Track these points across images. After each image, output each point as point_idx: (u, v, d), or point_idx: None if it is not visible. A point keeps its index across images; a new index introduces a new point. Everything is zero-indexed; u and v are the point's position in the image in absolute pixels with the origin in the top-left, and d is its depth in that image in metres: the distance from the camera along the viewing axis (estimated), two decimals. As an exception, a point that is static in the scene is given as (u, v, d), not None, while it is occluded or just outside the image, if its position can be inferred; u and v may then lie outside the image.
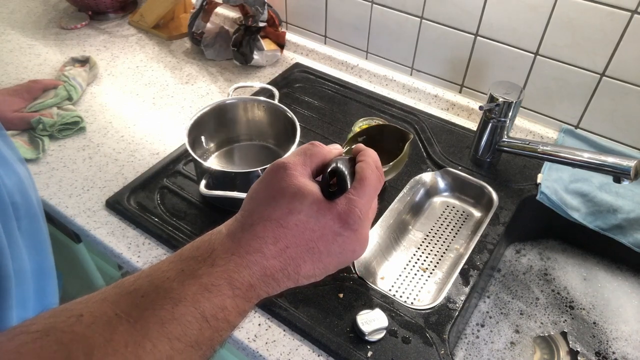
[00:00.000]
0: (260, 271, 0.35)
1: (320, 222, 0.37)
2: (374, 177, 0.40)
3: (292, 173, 0.38)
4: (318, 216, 0.37)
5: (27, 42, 1.19)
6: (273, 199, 0.37)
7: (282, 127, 0.83)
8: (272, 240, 0.36)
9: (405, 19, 0.99)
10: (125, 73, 1.11)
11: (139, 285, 0.32)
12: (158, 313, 0.31)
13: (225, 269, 0.34)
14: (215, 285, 0.33)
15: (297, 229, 0.36)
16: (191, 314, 0.32)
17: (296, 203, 0.37)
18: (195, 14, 1.11)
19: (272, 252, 0.36)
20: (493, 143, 0.84)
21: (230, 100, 0.84)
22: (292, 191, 0.37)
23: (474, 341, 0.76)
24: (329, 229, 0.37)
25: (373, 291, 0.68)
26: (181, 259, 0.34)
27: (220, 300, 0.33)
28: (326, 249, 0.37)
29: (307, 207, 0.37)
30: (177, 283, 0.32)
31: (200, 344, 0.32)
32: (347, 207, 0.37)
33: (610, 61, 0.82)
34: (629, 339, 0.77)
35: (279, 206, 0.37)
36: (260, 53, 1.10)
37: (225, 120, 0.85)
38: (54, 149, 0.91)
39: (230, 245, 0.35)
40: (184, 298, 0.32)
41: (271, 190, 0.38)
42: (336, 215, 0.37)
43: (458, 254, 0.80)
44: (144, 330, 0.30)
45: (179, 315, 0.31)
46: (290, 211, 0.36)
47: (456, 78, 1.01)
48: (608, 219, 0.80)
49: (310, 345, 0.63)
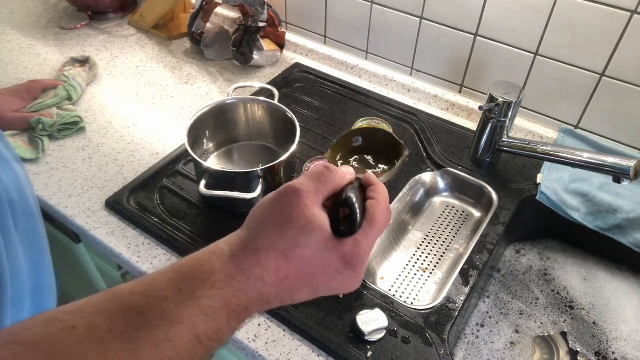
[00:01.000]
0: (257, 296, 0.35)
1: (324, 259, 0.37)
2: (384, 220, 0.40)
3: (304, 202, 0.37)
4: (324, 253, 0.37)
5: (27, 42, 1.19)
6: (281, 228, 0.37)
7: (282, 127, 0.83)
8: (274, 270, 0.36)
9: (405, 19, 0.99)
10: (125, 73, 1.11)
11: (135, 301, 0.32)
12: (153, 333, 0.31)
13: (224, 292, 0.34)
14: (212, 308, 0.33)
15: (300, 262, 0.36)
16: (186, 335, 0.32)
17: (304, 237, 0.36)
18: (195, 14, 1.11)
19: (272, 280, 0.36)
20: (493, 143, 0.84)
21: (230, 100, 0.84)
22: (302, 224, 0.37)
23: (474, 341, 0.76)
24: (332, 267, 0.37)
25: (373, 291, 0.68)
26: (180, 277, 0.34)
27: (216, 323, 0.33)
28: (324, 283, 0.38)
29: (315, 244, 0.37)
30: (174, 304, 0.32)
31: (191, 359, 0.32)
32: (353, 249, 0.38)
33: (610, 61, 0.82)
34: (628, 339, 0.77)
35: (286, 237, 0.36)
36: (260, 53, 1.10)
37: (225, 120, 0.85)
38: (54, 149, 0.91)
39: (231, 269, 0.35)
40: (180, 320, 0.32)
41: (280, 217, 0.37)
42: (341, 256, 0.37)
43: (458, 254, 0.80)
44: (138, 350, 0.30)
45: (174, 337, 0.31)
46: (296, 244, 0.36)
47: (456, 78, 1.01)
48: (608, 219, 0.80)
49: (310, 345, 0.63)
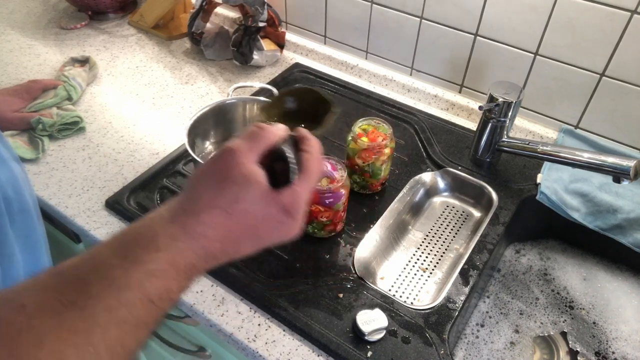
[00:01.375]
0: (203, 253, 0.37)
1: (265, 210, 0.39)
2: (318, 170, 0.43)
3: (240, 161, 0.39)
4: (263, 205, 0.39)
5: (27, 42, 1.19)
6: (220, 187, 0.38)
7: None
8: (217, 226, 0.37)
9: (405, 19, 0.99)
10: (125, 73, 1.11)
11: (82, 273, 0.33)
12: (105, 301, 0.31)
13: (169, 254, 0.35)
14: (160, 270, 0.34)
15: (242, 216, 0.38)
16: (138, 298, 0.33)
17: (243, 192, 0.38)
18: (195, 14, 1.11)
19: (216, 236, 0.37)
20: (493, 143, 0.84)
21: (230, 100, 0.84)
22: (239, 180, 0.38)
23: (474, 341, 0.76)
24: (273, 217, 0.39)
25: (373, 291, 0.68)
26: (124, 245, 0.35)
27: (165, 283, 0.34)
28: (267, 234, 0.40)
29: (253, 197, 0.38)
30: (121, 271, 0.33)
31: (147, 323, 0.34)
32: (291, 199, 0.40)
33: (610, 61, 0.82)
34: (628, 339, 0.77)
35: (226, 194, 0.38)
36: (260, 53, 1.10)
37: (225, 120, 0.85)
38: (54, 149, 0.91)
39: (174, 231, 0.36)
40: (130, 285, 0.33)
41: (218, 176, 0.39)
42: (281, 206, 0.39)
43: (458, 254, 0.80)
44: (93, 317, 0.31)
45: (126, 301, 0.32)
46: (236, 200, 0.38)
47: (456, 78, 1.01)
48: (608, 219, 0.80)
49: (310, 345, 0.63)
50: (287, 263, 0.72)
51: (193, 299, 0.68)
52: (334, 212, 0.71)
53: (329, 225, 0.73)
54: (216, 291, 0.69)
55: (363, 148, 0.76)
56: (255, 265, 0.71)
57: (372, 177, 0.80)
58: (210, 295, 0.69)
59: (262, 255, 0.73)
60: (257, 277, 0.69)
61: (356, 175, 0.81)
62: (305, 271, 0.71)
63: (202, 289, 0.69)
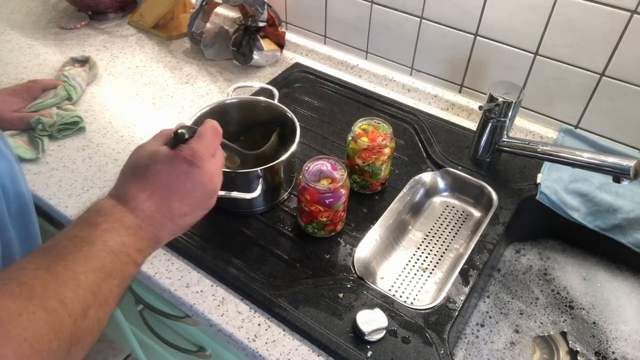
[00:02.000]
0: (140, 213, 0.46)
1: (171, 166, 0.48)
2: (209, 130, 0.53)
3: (143, 146, 0.51)
4: (169, 163, 0.48)
5: (27, 42, 1.19)
6: (135, 165, 0.49)
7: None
8: (141, 189, 0.47)
9: (405, 19, 0.99)
10: (125, 73, 1.11)
11: (57, 243, 0.42)
12: (79, 254, 0.41)
13: (115, 217, 0.45)
14: (112, 227, 0.44)
15: (156, 176, 0.48)
16: (103, 250, 0.42)
17: (151, 160, 0.49)
18: (195, 14, 1.11)
19: (143, 197, 0.47)
20: (493, 143, 0.84)
21: (230, 100, 0.84)
22: (147, 154, 0.49)
23: (474, 341, 0.76)
24: (180, 169, 0.48)
25: (373, 291, 0.69)
26: (80, 221, 0.44)
27: (120, 238, 0.43)
28: (183, 187, 0.48)
29: (160, 159, 0.49)
30: (85, 233, 0.43)
31: (114, 274, 0.42)
32: (190, 151, 0.49)
33: (610, 61, 0.82)
34: (628, 339, 0.77)
35: (140, 166, 0.49)
36: (260, 53, 1.10)
37: (225, 120, 0.85)
38: (54, 149, 0.91)
39: (112, 202, 0.46)
40: (94, 241, 0.42)
41: (132, 160, 0.50)
42: (182, 159, 0.49)
43: (458, 254, 0.80)
44: (74, 266, 0.40)
45: (95, 253, 0.41)
46: (147, 166, 0.48)
47: (456, 78, 1.01)
48: (608, 219, 0.81)
49: (310, 345, 0.63)
50: (287, 263, 0.72)
51: (193, 299, 0.68)
52: (334, 212, 0.71)
53: (329, 225, 0.73)
54: (216, 291, 0.69)
55: (363, 148, 0.76)
56: (255, 265, 0.71)
57: (372, 177, 0.80)
58: (210, 295, 0.69)
59: (262, 255, 0.73)
60: (257, 277, 0.69)
61: (356, 175, 0.81)
62: (305, 271, 0.71)
63: (202, 289, 0.69)
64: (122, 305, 1.09)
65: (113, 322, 1.18)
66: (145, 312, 0.92)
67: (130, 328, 1.18)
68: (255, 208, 0.78)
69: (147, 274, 0.71)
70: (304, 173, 0.70)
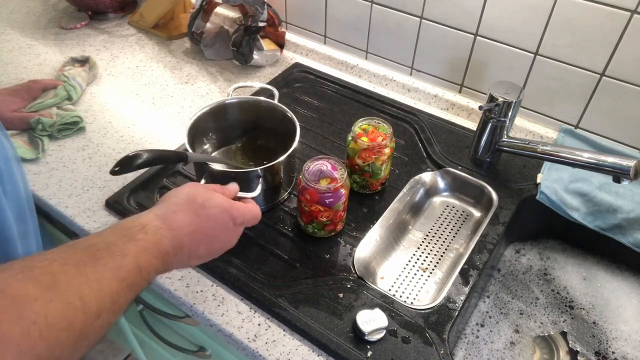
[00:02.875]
0: (176, 243, 0.50)
1: (222, 216, 0.55)
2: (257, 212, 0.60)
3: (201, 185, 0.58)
4: (222, 213, 0.55)
5: (27, 42, 1.19)
6: (193, 198, 0.54)
7: (282, 127, 0.83)
8: (188, 224, 0.52)
9: (405, 19, 0.99)
10: (125, 73, 1.11)
11: (92, 243, 0.45)
12: (110, 261, 0.43)
13: (154, 237, 0.48)
14: (148, 247, 0.47)
15: (207, 218, 0.53)
16: (132, 264, 0.45)
17: (208, 202, 0.54)
18: (195, 14, 1.11)
19: (186, 231, 0.52)
20: (493, 143, 0.84)
21: (229, 100, 0.84)
22: (206, 194, 0.55)
23: (474, 341, 0.76)
24: (226, 224, 0.55)
25: (373, 291, 0.69)
26: (120, 230, 0.47)
27: (150, 258, 0.47)
28: (218, 238, 0.55)
29: (216, 206, 0.55)
30: (122, 243, 0.46)
31: (133, 286, 0.45)
32: (240, 213, 0.57)
33: (610, 61, 0.82)
34: (628, 339, 0.77)
35: (197, 202, 0.54)
36: (260, 53, 1.10)
37: (224, 120, 0.85)
38: (54, 149, 0.91)
39: (158, 223, 0.50)
40: (128, 254, 0.45)
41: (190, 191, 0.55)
42: (232, 215, 0.56)
43: (458, 253, 0.80)
44: (102, 271, 0.42)
45: (125, 265, 0.44)
46: (203, 206, 0.54)
47: (456, 78, 1.01)
48: (608, 218, 0.81)
49: (310, 345, 0.63)
50: (287, 263, 0.72)
51: (193, 299, 0.68)
52: (334, 212, 0.71)
53: (329, 225, 0.73)
54: (216, 291, 0.69)
55: (363, 148, 0.76)
56: (255, 265, 0.71)
57: (372, 177, 0.80)
58: (210, 295, 0.69)
59: (262, 255, 0.73)
60: (257, 277, 0.69)
61: (356, 175, 0.81)
62: (305, 271, 0.71)
63: (202, 289, 0.69)
64: (122, 305, 1.09)
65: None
66: (145, 312, 0.92)
67: (130, 328, 1.18)
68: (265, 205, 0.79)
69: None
70: (304, 173, 0.70)
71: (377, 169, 0.79)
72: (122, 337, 1.24)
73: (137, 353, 1.29)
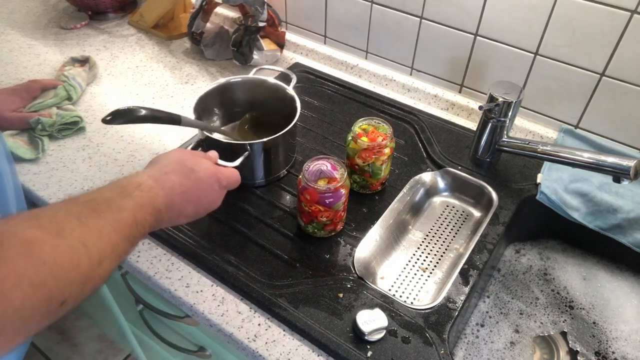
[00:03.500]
0: (168, 201, 0.54)
1: (210, 179, 0.59)
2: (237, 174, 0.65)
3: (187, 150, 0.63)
4: (210, 176, 0.59)
5: (27, 42, 1.19)
6: (182, 161, 0.58)
7: (283, 104, 0.86)
8: (179, 183, 0.56)
9: (405, 19, 0.99)
10: (125, 73, 1.11)
11: (92, 198, 0.47)
12: (109, 215, 0.47)
13: (149, 194, 0.52)
14: (143, 203, 0.51)
15: (196, 181, 0.58)
16: (130, 218, 0.48)
17: (197, 166, 0.59)
18: (195, 14, 1.11)
19: (178, 190, 0.56)
20: (493, 143, 0.84)
21: (234, 79, 0.88)
22: (194, 159, 0.60)
23: (474, 341, 0.76)
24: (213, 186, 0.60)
25: (373, 291, 0.68)
26: (116, 187, 0.51)
27: (145, 213, 0.51)
28: (205, 199, 0.59)
29: (204, 169, 0.59)
30: (119, 199, 0.49)
31: (130, 238, 0.48)
32: (226, 177, 0.62)
33: (610, 61, 0.82)
34: (628, 339, 0.77)
35: (187, 165, 0.58)
36: (260, 53, 1.10)
37: (229, 98, 0.89)
38: (54, 149, 0.91)
39: (152, 183, 0.54)
40: (125, 209, 0.48)
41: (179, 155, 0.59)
42: (219, 179, 0.61)
43: (458, 253, 0.80)
44: (102, 223, 0.45)
45: (123, 218, 0.48)
46: (193, 169, 0.58)
47: (456, 78, 1.01)
48: (608, 218, 0.81)
49: (310, 345, 0.63)
50: (287, 263, 0.72)
51: (193, 299, 0.68)
52: (334, 212, 0.71)
53: (329, 225, 0.73)
54: (216, 291, 0.69)
55: (363, 148, 0.76)
56: (255, 265, 0.71)
57: (372, 177, 0.80)
58: (210, 295, 0.69)
59: (262, 255, 0.73)
60: (257, 277, 0.69)
61: (356, 175, 0.81)
62: (305, 271, 0.71)
63: (202, 289, 0.69)
64: (122, 305, 1.09)
65: (113, 322, 1.18)
66: (145, 312, 0.92)
67: (130, 328, 1.18)
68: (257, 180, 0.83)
69: (147, 274, 0.71)
70: (304, 173, 0.70)
71: (377, 169, 0.79)
72: (122, 337, 1.24)
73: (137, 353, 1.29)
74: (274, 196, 0.82)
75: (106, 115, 0.60)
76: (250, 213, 0.79)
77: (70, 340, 1.62)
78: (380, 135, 0.78)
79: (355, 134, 0.77)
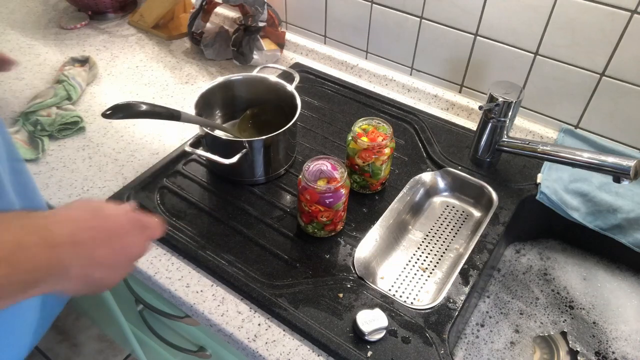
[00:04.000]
0: (70, 233, 0.44)
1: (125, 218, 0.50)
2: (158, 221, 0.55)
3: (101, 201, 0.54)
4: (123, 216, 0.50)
5: (27, 42, 1.19)
6: (87, 202, 0.49)
7: (284, 102, 0.86)
8: (84, 219, 0.46)
9: (405, 19, 0.99)
10: (125, 73, 1.11)
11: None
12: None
13: (45, 219, 0.44)
14: (36, 225, 0.43)
15: (105, 220, 0.48)
16: (10, 236, 0.40)
17: (106, 206, 0.49)
18: (195, 14, 1.11)
19: (82, 226, 0.45)
20: (493, 143, 0.84)
21: (235, 77, 0.89)
22: (103, 203, 0.50)
23: (474, 341, 0.76)
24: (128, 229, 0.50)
25: (373, 291, 0.69)
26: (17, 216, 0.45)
27: (35, 236, 0.42)
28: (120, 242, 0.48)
29: (114, 208, 0.50)
30: (6, 219, 0.42)
31: (10, 261, 0.40)
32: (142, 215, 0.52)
33: (610, 61, 0.82)
34: (628, 339, 0.77)
35: (92, 205, 0.49)
36: (260, 53, 1.10)
37: (229, 96, 0.90)
38: (54, 149, 0.91)
39: (48, 213, 0.47)
40: (10, 228, 0.41)
41: (84, 201, 0.50)
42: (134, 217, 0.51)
43: (458, 253, 0.80)
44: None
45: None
46: (101, 208, 0.49)
47: (456, 78, 1.01)
48: (608, 218, 0.81)
49: (310, 345, 0.63)
50: (287, 263, 0.72)
51: (193, 299, 0.68)
52: (334, 212, 0.71)
53: (329, 225, 0.73)
54: (216, 291, 0.69)
55: (363, 148, 0.76)
56: (255, 265, 0.71)
57: (372, 177, 0.80)
58: (210, 295, 0.69)
59: (262, 255, 0.73)
60: (257, 277, 0.69)
61: (356, 175, 0.81)
62: (305, 271, 0.71)
63: (202, 289, 0.69)
64: (122, 305, 1.09)
65: (113, 322, 1.18)
66: (145, 312, 0.92)
67: (130, 328, 1.18)
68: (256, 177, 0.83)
69: (147, 274, 0.71)
70: (304, 173, 0.70)
71: (377, 169, 0.79)
72: (122, 337, 1.24)
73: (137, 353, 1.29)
74: (274, 196, 0.82)
75: (106, 109, 0.58)
76: (250, 213, 0.79)
77: (70, 340, 1.62)
78: (380, 135, 0.78)
79: (355, 134, 0.77)
